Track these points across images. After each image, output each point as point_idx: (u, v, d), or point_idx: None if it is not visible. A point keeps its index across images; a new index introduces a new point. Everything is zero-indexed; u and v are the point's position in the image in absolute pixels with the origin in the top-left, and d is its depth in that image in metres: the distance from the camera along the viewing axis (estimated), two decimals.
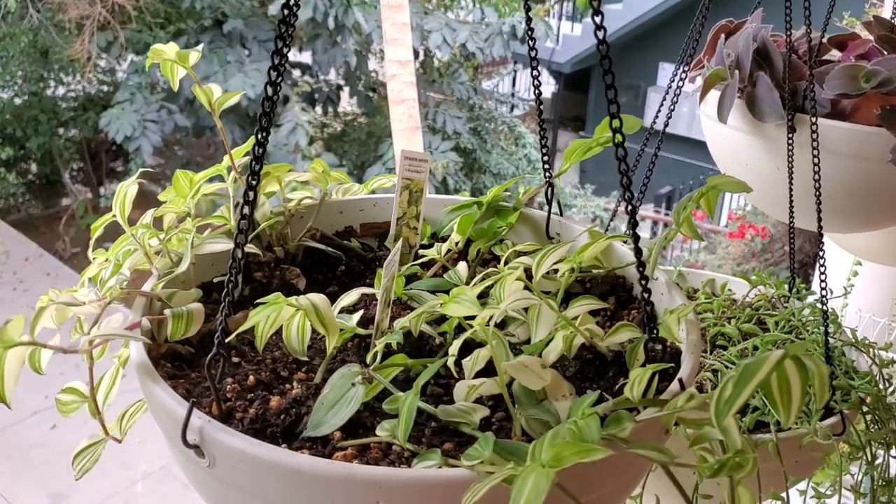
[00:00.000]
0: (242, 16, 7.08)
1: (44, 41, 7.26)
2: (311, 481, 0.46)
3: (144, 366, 0.54)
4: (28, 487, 5.37)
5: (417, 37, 6.71)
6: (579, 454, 0.42)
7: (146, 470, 5.55)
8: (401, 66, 2.90)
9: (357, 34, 6.32)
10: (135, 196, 0.66)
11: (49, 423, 6.00)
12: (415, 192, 0.75)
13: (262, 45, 7.07)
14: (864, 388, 0.94)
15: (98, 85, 8.18)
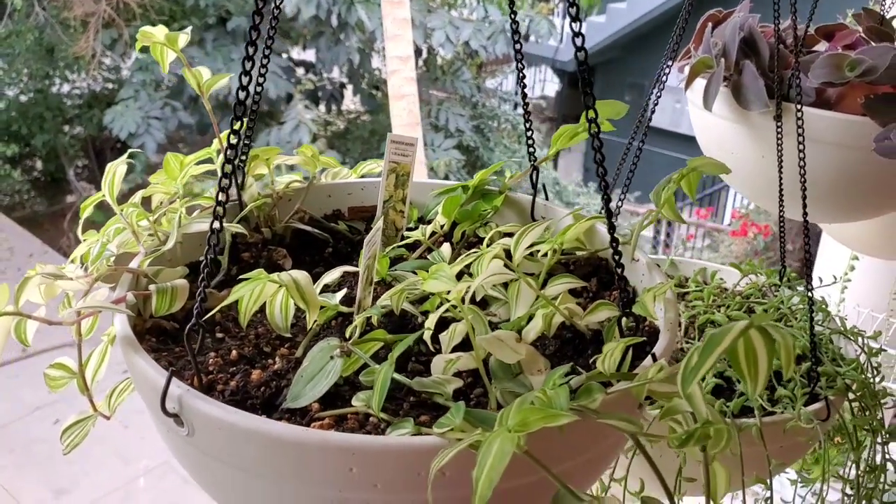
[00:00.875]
0: (246, 13, 7.09)
1: (49, 39, 7.29)
2: (286, 448, 0.47)
3: (127, 338, 0.55)
4: (30, 482, 5.38)
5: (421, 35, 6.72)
6: (545, 419, 0.43)
7: (147, 465, 5.57)
8: (401, 62, 2.91)
9: (360, 32, 6.33)
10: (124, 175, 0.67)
11: (51, 418, 6.02)
12: (401, 175, 0.76)
13: None
14: (850, 375, 0.94)
15: (103, 83, 8.21)
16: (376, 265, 0.63)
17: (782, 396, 0.92)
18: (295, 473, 0.48)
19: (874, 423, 0.96)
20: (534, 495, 0.51)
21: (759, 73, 1.09)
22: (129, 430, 5.95)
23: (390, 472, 0.47)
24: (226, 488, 0.53)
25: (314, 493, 0.49)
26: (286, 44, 7.47)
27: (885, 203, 1.17)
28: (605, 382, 0.52)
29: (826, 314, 1.05)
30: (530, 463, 0.47)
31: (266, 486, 0.50)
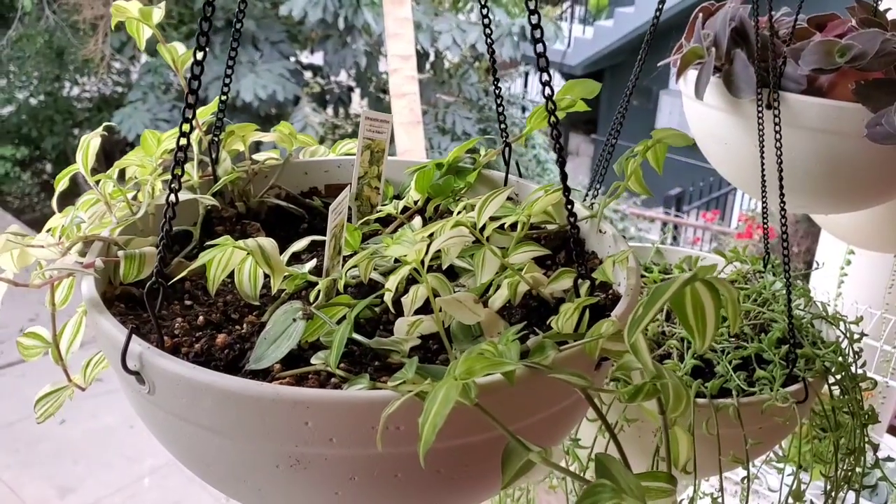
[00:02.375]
0: (255, 17, 7.13)
1: (59, 42, 7.34)
2: (241, 402, 0.48)
3: (93, 299, 0.56)
4: (35, 480, 5.41)
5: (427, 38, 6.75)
6: (490, 366, 0.43)
7: (153, 464, 5.59)
8: (402, 61, 2.92)
9: (367, 35, 6.36)
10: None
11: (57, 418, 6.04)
12: (376, 152, 0.77)
13: (275, 46, 7.12)
14: (829, 357, 0.95)
15: (113, 86, 8.27)
16: (345, 235, 0.64)
17: (761, 378, 0.92)
18: (252, 428, 0.49)
19: (853, 405, 0.96)
20: (492, 454, 0.52)
21: (749, 61, 1.10)
22: (135, 429, 5.98)
23: (345, 426, 0.48)
24: (187, 446, 0.54)
25: (272, 449, 0.49)
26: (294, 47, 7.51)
27: (879, 191, 1.17)
28: (563, 344, 0.53)
29: (808, 300, 1.05)
30: (485, 419, 0.47)
31: (225, 442, 0.51)
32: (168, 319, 0.60)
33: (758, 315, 1.02)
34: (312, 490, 0.51)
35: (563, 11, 11.20)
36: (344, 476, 0.50)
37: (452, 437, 0.50)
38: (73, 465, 5.62)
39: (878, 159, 1.06)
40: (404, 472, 0.51)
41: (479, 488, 0.55)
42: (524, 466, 0.46)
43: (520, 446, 0.46)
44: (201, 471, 0.56)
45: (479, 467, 0.52)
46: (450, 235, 0.54)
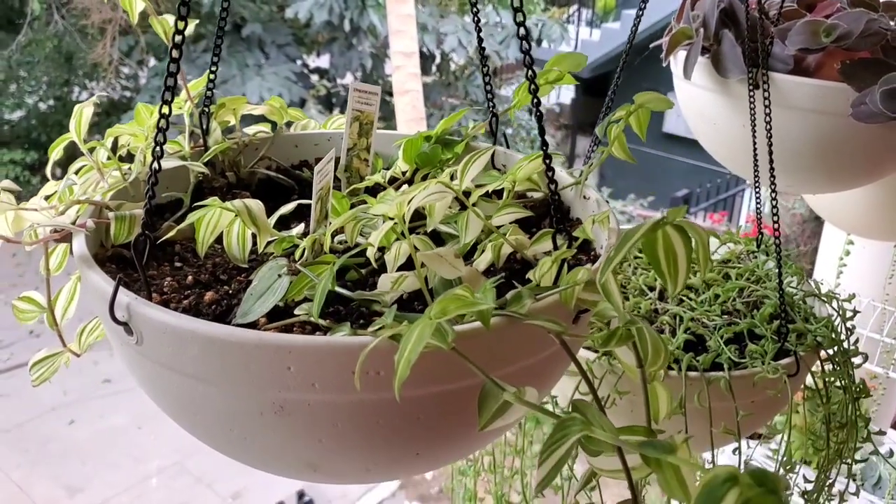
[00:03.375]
0: (261, 20, 7.17)
1: (68, 46, 7.40)
2: (226, 349, 0.49)
3: (83, 256, 0.57)
4: (44, 480, 5.45)
5: (433, 40, 6.77)
6: (464, 306, 0.44)
7: (160, 465, 5.62)
8: (405, 58, 2.94)
9: (372, 36, 6.39)
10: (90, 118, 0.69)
11: (66, 418, 6.09)
12: (365, 124, 0.78)
13: (281, 49, 7.16)
14: (820, 332, 0.95)
15: (121, 91, 8.32)
16: (332, 201, 0.65)
17: (752, 351, 0.92)
18: (237, 375, 0.50)
19: (845, 379, 0.96)
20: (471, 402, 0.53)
21: (737, 41, 1.11)
22: (142, 431, 6.01)
23: (326, 371, 0.49)
24: (175, 397, 0.55)
25: (257, 395, 0.51)
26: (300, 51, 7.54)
27: (866, 171, 1.18)
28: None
29: (801, 278, 1.06)
30: (463, 367, 0.48)
31: (211, 391, 0.52)
32: (158, 279, 0.61)
33: (751, 293, 1.03)
34: (297, 437, 0.52)
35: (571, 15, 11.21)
36: (327, 422, 0.51)
37: (431, 384, 0.51)
38: (82, 466, 5.66)
39: (863, 138, 1.07)
40: (385, 419, 0.52)
41: (460, 436, 0.56)
42: (500, 408, 0.47)
43: (496, 388, 0.47)
44: (189, 422, 0.57)
45: (458, 416, 0.53)
46: (430, 192, 0.55)
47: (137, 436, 5.97)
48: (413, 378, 0.49)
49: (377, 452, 0.54)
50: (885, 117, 1.02)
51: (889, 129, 1.05)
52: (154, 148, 0.52)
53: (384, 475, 0.59)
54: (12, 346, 6.86)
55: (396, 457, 0.55)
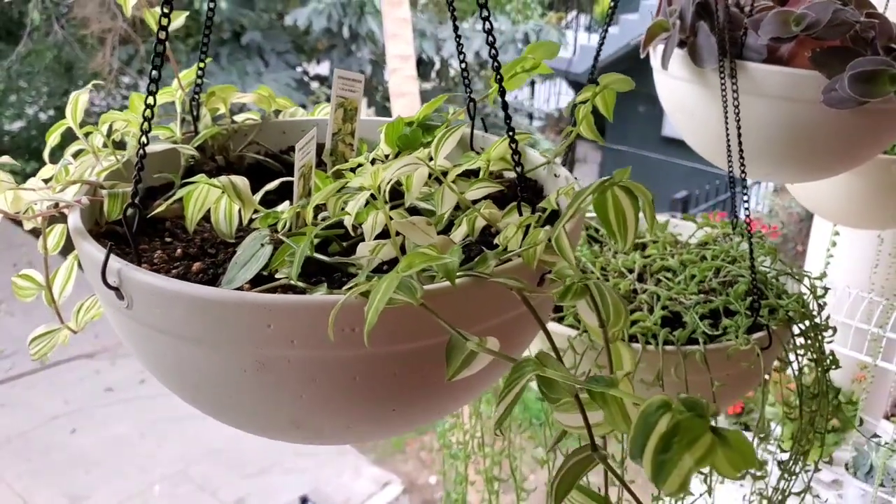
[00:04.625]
0: (260, 28, 7.23)
1: (67, 56, 7.46)
2: (209, 308, 0.53)
3: (77, 228, 0.61)
4: (47, 489, 5.48)
5: (432, 46, 6.82)
6: (428, 260, 0.48)
7: (163, 472, 5.65)
8: (402, 61, 2.98)
9: (371, 43, 6.44)
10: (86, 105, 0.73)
11: (68, 427, 6.13)
12: (349, 110, 0.82)
13: (280, 56, 7.21)
14: (792, 306, 0.99)
15: (122, 100, 8.38)
16: (314, 178, 0.69)
17: (727, 326, 0.96)
18: (220, 333, 0.53)
19: (816, 352, 1.00)
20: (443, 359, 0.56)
21: (712, 32, 1.14)
22: (145, 439, 6.04)
23: (303, 328, 0.52)
24: (164, 359, 0.59)
25: (239, 353, 0.54)
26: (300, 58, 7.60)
27: (839, 157, 1.21)
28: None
29: (774, 257, 1.10)
30: (435, 325, 0.52)
31: (197, 350, 0.55)
32: (149, 253, 0.65)
33: (727, 273, 1.07)
34: (279, 393, 0.56)
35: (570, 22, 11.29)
36: (306, 379, 0.55)
37: (404, 341, 0.55)
38: (85, 474, 5.68)
39: (835, 124, 1.11)
40: (362, 375, 0.55)
41: (435, 393, 0.59)
42: (466, 359, 0.51)
43: (461, 339, 0.50)
44: (179, 384, 0.61)
45: (432, 373, 0.57)
46: (404, 163, 0.59)
47: (140, 444, 6.00)
48: (386, 335, 0.53)
49: (355, 408, 0.58)
50: (855, 102, 1.05)
51: (860, 114, 1.09)
52: (142, 123, 0.56)
53: (365, 433, 0.63)
54: (14, 356, 6.89)
55: (374, 413, 0.59)
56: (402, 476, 6.01)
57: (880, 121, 1.11)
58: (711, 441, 0.39)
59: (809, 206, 1.83)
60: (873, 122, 1.11)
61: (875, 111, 1.09)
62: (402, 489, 5.85)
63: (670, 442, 0.40)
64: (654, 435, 0.40)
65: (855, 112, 1.08)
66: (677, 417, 0.40)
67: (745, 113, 1.13)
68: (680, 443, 0.39)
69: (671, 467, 0.39)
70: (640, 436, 0.41)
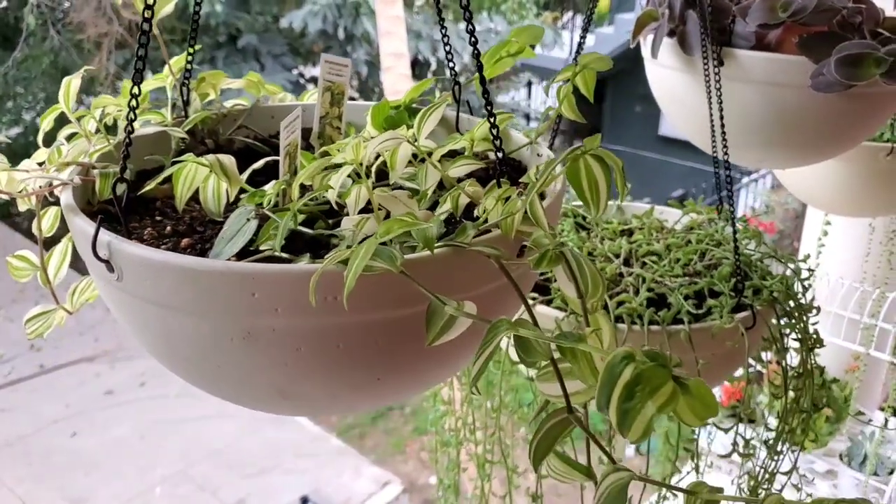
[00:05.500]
0: (256, 31, 7.25)
1: (64, 62, 7.47)
2: (196, 278, 0.54)
3: (69, 205, 0.63)
4: (48, 493, 5.49)
5: (428, 47, 6.84)
6: (405, 226, 0.50)
7: (163, 473, 5.66)
8: (395, 59, 3.00)
9: (367, 44, 6.46)
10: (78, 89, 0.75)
11: (69, 431, 6.14)
12: (336, 94, 0.83)
13: (276, 59, 7.23)
14: (776, 287, 1.00)
15: None
16: (299, 157, 0.70)
17: (711, 306, 0.98)
18: (207, 303, 0.55)
19: (800, 332, 1.01)
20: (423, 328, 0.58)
21: (700, 21, 1.16)
22: (145, 440, 6.05)
23: (287, 296, 0.54)
24: (154, 330, 0.60)
25: (226, 322, 0.56)
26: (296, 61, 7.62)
27: (828, 142, 1.23)
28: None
29: (759, 241, 1.11)
30: (417, 292, 0.53)
31: (185, 320, 0.57)
32: (139, 230, 0.66)
33: (712, 256, 1.08)
34: (264, 362, 0.57)
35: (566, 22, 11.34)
36: (291, 347, 0.56)
37: (386, 309, 0.56)
38: (85, 477, 5.70)
39: (823, 109, 1.12)
40: (345, 343, 0.57)
41: (417, 360, 0.61)
42: (446, 324, 0.53)
43: (440, 304, 0.52)
44: (169, 356, 0.62)
45: (415, 342, 0.58)
46: (385, 138, 0.61)
47: (140, 446, 6.02)
48: (369, 303, 0.55)
49: (340, 376, 0.59)
50: (842, 86, 1.07)
51: (847, 98, 1.11)
52: (129, 100, 0.58)
53: (351, 403, 0.64)
54: (13, 360, 6.91)
55: (358, 382, 0.60)
56: (402, 476, 6.02)
57: (867, 104, 1.13)
58: (673, 389, 0.41)
59: (801, 196, 1.85)
60: (860, 106, 1.12)
61: (862, 95, 1.10)
62: (401, 489, 5.86)
63: (633, 391, 0.41)
64: (619, 384, 0.42)
65: (842, 96, 1.10)
66: (640, 367, 0.42)
67: (735, 99, 1.15)
68: (643, 391, 0.41)
69: (634, 415, 0.41)
70: (606, 386, 0.42)
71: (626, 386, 0.41)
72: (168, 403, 6.38)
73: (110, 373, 6.80)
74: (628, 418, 0.41)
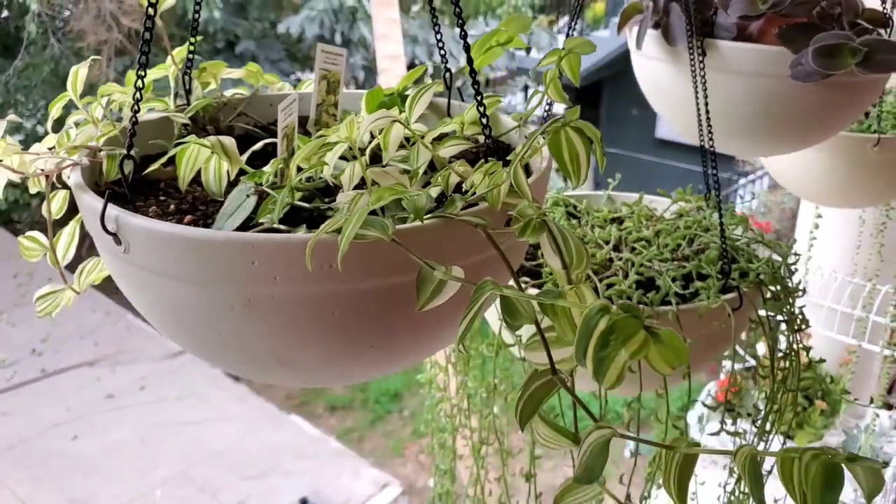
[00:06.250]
0: (254, 37, 7.30)
1: (64, 70, 7.51)
2: (199, 248, 0.57)
3: (78, 184, 0.66)
4: (49, 495, 5.51)
5: (424, 52, 6.88)
6: (396, 194, 0.53)
7: (164, 476, 5.69)
8: (391, 61, 3.04)
9: (363, 48, 6.50)
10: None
11: (69, 434, 6.16)
12: (332, 82, 0.86)
13: (274, 64, 7.27)
14: (762, 269, 1.03)
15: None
16: (297, 140, 0.73)
17: (699, 288, 1.01)
18: (209, 272, 0.58)
19: (787, 313, 1.04)
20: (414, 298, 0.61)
21: (683, 13, 1.20)
22: (146, 443, 6.08)
23: (286, 264, 0.57)
24: (159, 300, 0.63)
25: (227, 290, 0.59)
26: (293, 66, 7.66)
27: (809, 129, 1.26)
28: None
29: (746, 226, 1.14)
30: (408, 260, 0.56)
31: (189, 289, 0.60)
32: (144, 208, 0.70)
33: (701, 242, 1.11)
34: (264, 329, 0.60)
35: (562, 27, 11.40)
36: (289, 314, 0.59)
37: (379, 276, 0.59)
38: (86, 479, 5.72)
39: (803, 98, 1.16)
40: (340, 310, 0.60)
41: (410, 328, 0.64)
42: (436, 288, 0.56)
43: (429, 270, 0.55)
44: (173, 326, 0.65)
45: (407, 309, 0.61)
46: (377, 117, 0.64)
47: (141, 448, 6.04)
48: (361, 271, 0.58)
49: (335, 343, 0.62)
50: (820, 75, 1.10)
51: (826, 86, 1.14)
52: (137, 71, 0.61)
53: (346, 371, 0.67)
54: (15, 364, 6.94)
55: (354, 349, 0.63)
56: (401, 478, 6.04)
57: (845, 93, 1.17)
58: (645, 337, 0.44)
59: (791, 188, 1.88)
60: (838, 95, 1.16)
61: (840, 84, 1.14)
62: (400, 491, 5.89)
63: (608, 339, 0.44)
64: (595, 335, 0.45)
65: (820, 85, 1.13)
66: (614, 318, 0.45)
67: (717, 89, 1.18)
68: (616, 340, 0.44)
69: (609, 362, 0.44)
70: (583, 337, 0.45)
71: (602, 335, 0.44)
72: (168, 406, 6.41)
73: (111, 377, 6.83)
74: (603, 366, 0.44)
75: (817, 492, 0.45)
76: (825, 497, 0.45)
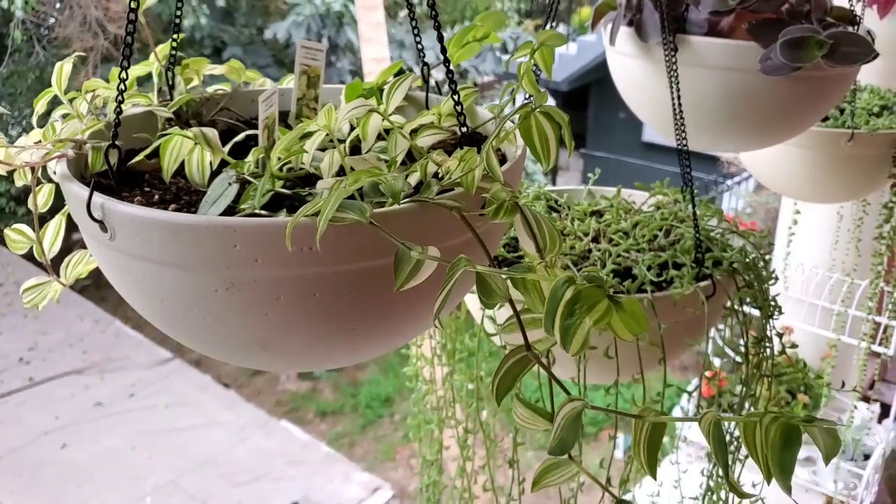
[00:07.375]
0: (241, 43, 7.31)
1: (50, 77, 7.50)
2: (182, 232, 0.59)
3: (64, 174, 0.67)
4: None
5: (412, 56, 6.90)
6: (371, 176, 0.55)
7: (155, 483, 5.68)
8: (377, 64, 3.07)
9: (350, 53, 6.52)
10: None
11: (59, 442, 6.15)
12: (312, 77, 0.88)
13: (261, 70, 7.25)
14: (735, 257, 1.06)
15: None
16: (277, 132, 0.75)
17: (673, 276, 1.03)
18: (193, 256, 0.60)
19: (759, 300, 1.07)
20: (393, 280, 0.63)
21: (655, 9, 1.22)
22: (136, 451, 6.07)
23: (266, 247, 0.59)
24: (144, 285, 0.65)
25: (210, 274, 0.61)
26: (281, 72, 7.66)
27: (780, 123, 1.29)
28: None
29: (720, 218, 1.17)
30: (387, 243, 0.58)
31: (173, 274, 0.62)
32: (129, 199, 0.71)
33: (677, 233, 1.14)
34: (246, 312, 0.62)
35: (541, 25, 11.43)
36: (271, 296, 0.61)
37: (358, 259, 0.61)
38: (77, 488, 5.71)
39: (774, 92, 1.19)
40: (321, 292, 0.62)
41: (389, 310, 0.66)
42: (413, 269, 0.58)
43: (406, 250, 0.57)
44: (158, 310, 0.67)
45: (386, 291, 0.63)
46: (354, 106, 0.66)
47: (131, 456, 6.03)
48: (341, 253, 0.60)
49: (317, 326, 0.64)
50: (788, 68, 1.13)
51: (795, 80, 1.17)
52: (119, 72, 0.63)
53: (329, 354, 0.69)
54: (3, 373, 6.92)
55: (335, 331, 0.65)
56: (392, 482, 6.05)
57: (814, 87, 1.19)
58: (608, 306, 0.46)
59: (769, 184, 1.92)
60: (807, 88, 1.19)
61: (808, 77, 1.17)
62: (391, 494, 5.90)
63: (573, 308, 0.47)
64: (561, 304, 0.47)
65: (790, 79, 1.16)
66: (579, 288, 0.47)
67: (690, 84, 1.20)
68: (581, 308, 0.46)
69: (574, 329, 0.46)
70: (551, 307, 0.48)
71: (567, 304, 0.46)
72: (157, 413, 6.41)
73: (100, 384, 6.82)
74: (569, 333, 0.46)
75: (776, 452, 0.48)
76: (783, 456, 0.48)
